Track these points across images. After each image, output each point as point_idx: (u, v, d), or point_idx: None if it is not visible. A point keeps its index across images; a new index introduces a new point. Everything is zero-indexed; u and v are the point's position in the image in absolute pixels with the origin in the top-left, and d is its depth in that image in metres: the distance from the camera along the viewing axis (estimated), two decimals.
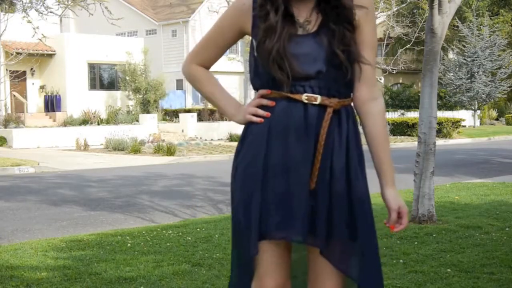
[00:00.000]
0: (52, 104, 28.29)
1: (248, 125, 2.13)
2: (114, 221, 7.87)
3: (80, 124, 25.88)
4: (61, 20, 31.10)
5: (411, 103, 38.45)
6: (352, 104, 2.14)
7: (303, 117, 2.04)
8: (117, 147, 20.68)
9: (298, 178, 2.03)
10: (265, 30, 2.04)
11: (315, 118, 2.04)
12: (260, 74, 2.10)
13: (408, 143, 23.46)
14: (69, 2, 16.44)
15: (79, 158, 18.11)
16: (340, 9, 2.03)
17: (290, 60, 2.01)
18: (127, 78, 29.34)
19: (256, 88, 2.15)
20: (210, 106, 32.58)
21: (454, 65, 35.25)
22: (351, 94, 2.13)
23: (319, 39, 2.04)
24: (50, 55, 28.59)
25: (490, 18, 38.72)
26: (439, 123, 24.80)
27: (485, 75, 34.39)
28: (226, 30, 2.17)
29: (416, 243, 5.54)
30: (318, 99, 2.03)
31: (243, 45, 31.57)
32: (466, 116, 34.12)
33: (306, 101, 2.03)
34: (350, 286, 2.13)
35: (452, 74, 34.96)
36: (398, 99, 40.28)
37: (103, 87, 30.00)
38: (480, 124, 36.42)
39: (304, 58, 2.02)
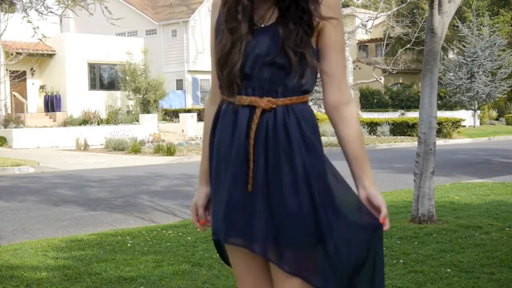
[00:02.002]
0: (52, 104, 28.30)
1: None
2: (114, 221, 7.87)
3: (80, 124, 25.88)
4: (61, 20, 31.12)
5: (411, 103, 38.46)
6: (301, 105, 2.00)
7: (232, 120, 2.00)
8: (117, 147, 20.68)
9: (235, 181, 1.98)
10: (223, 25, 2.00)
11: (245, 120, 1.98)
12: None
13: (408, 143, 23.46)
14: (69, 2, 16.45)
15: (79, 158, 18.11)
16: (303, 12, 1.94)
17: (233, 55, 1.96)
18: (127, 78, 29.34)
19: None
20: None
21: (454, 65, 35.26)
22: (297, 94, 1.99)
23: (263, 36, 1.97)
24: (50, 55, 28.60)
25: (490, 18, 38.74)
26: (439, 123, 24.80)
27: (485, 75, 34.40)
28: (212, 38, 2.12)
29: (416, 243, 5.54)
30: (247, 100, 1.97)
31: None
32: (466, 116, 34.13)
33: (237, 104, 1.98)
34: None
35: (452, 74, 34.97)
36: (398, 99, 40.30)
37: (103, 87, 30.00)
38: (480, 124, 36.43)
39: (242, 57, 1.96)
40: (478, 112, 36.00)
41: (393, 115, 32.14)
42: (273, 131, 1.95)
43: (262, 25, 1.98)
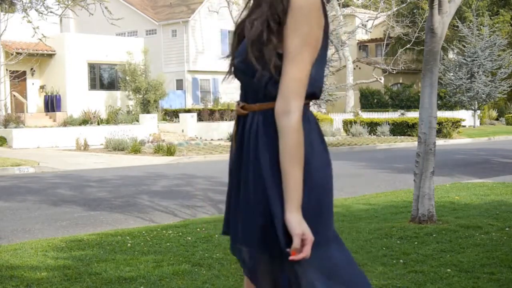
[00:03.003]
0: (52, 104, 28.30)
1: None
2: (114, 221, 7.87)
3: (80, 124, 25.88)
4: (61, 20, 31.12)
5: (411, 103, 38.46)
6: (270, 110, 1.96)
7: (235, 124, 2.08)
8: (117, 147, 20.68)
9: (232, 182, 2.08)
10: None
11: (239, 126, 2.05)
12: None
13: (408, 143, 23.46)
14: (69, 2, 16.45)
15: (79, 158, 18.11)
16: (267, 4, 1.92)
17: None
18: (127, 78, 29.34)
19: None
20: (210, 106, 32.58)
21: (454, 65, 35.26)
22: (268, 100, 1.96)
23: (237, 36, 2.01)
24: (50, 55, 28.60)
25: (490, 18, 38.75)
26: (439, 123, 24.80)
27: (485, 75, 34.39)
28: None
29: (416, 243, 5.54)
30: (236, 105, 2.05)
31: None
32: (466, 116, 34.12)
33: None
34: None
35: (452, 74, 34.97)
36: (398, 99, 40.29)
37: (103, 87, 30.00)
38: (480, 124, 36.42)
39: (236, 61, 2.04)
40: (478, 112, 35.99)
41: (393, 115, 32.12)
42: (248, 135, 2.00)
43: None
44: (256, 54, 1.91)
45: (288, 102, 1.90)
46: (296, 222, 1.87)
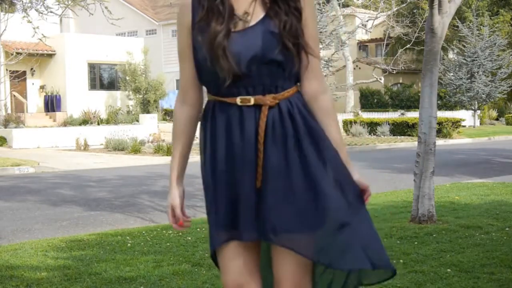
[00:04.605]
0: (52, 104, 28.30)
1: (201, 135, 2.19)
2: (114, 221, 7.87)
3: (80, 124, 25.88)
4: (61, 20, 31.10)
5: (411, 103, 38.44)
6: (296, 94, 2.10)
7: (238, 120, 2.05)
8: (117, 147, 20.68)
9: (244, 179, 2.05)
10: (200, 22, 2.04)
11: (252, 119, 2.04)
12: (202, 76, 2.14)
13: (408, 143, 23.46)
14: (69, 2, 16.45)
15: (79, 158, 18.11)
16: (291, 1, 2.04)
17: (223, 58, 1.99)
18: (127, 78, 29.34)
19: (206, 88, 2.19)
20: None
21: (454, 65, 35.25)
22: (293, 84, 2.10)
23: (255, 33, 2.01)
24: (50, 55, 28.60)
25: (490, 18, 38.73)
26: (439, 123, 24.79)
27: (485, 75, 34.38)
28: (184, 39, 2.13)
29: (416, 243, 5.54)
30: (252, 100, 2.04)
31: None
32: (466, 116, 34.10)
33: (240, 104, 2.04)
34: (323, 272, 2.21)
35: (452, 74, 34.96)
36: (398, 99, 40.28)
37: (103, 87, 30.01)
38: (480, 124, 36.42)
39: (239, 56, 1.99)
40: (478, 112, 35.98)
41: (393, 115, 32.10)
42: (280, 124, 2.04)
43: (251, 23, 2.02)
44: (291, 46, 2.01)
45: (323, 81, 2.14)
46: (362, 179, 2.15)
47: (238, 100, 2.04)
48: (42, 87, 29.10)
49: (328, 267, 2.11)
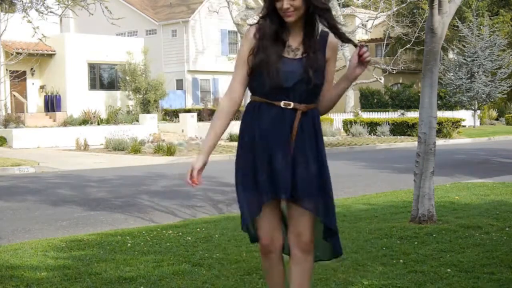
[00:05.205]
0: (52, 104, 28.30)
1: (241, 126, 3.12)
2: (114, 221, 7.87)
3: (80, 124, 25.88)
4: (61, 20, 31.13)
5: (411, 103, 38.45)
6: (316, 108, 3.11)
7: (280, 115, 3.01)
8: (117, 147, 20.68)
9: (280, 151, 3.01)
10: (260, 47, 3.01)
11: (289, 116, 3.02)
12: (253, 83, 3.07)
13: (408, 143, 23.46)
14: (69, 2, 16.45)
15: (79, 158, 18.12)
16: (319, 46, 3.06)
17: (276, 75, 2.96)
18: (127, 78, 29.34)
19: (251, 91, 3.12)
20: (210, 106, 32.59)
21: (454, 65, 35.27)
22: (316, 100, 3.09)
23: (301, 63, 3.00)
24: (50, 55, 28.61)
25: (490, 18, 38.75)
26: (439, 123, 24.79)
27: (485, 75, 34.41)
28: (246, 53, 3.04)
29: (416, 243, 5.54)
30: (292, 104, 3.02)
31: None
32: (466, 116, 34.12)
33: (283, 106, 3.01)
34: (317, 224, 3.13)
35: (452, 74, 34.98)
36: (398, 99, 40.29)
37: (103, 87, 30.01)
38: (480, 124, 36.44)
39: (288, 75, 2.98)
40: (478, 112, 36.01)
41: (393, 115, 32.10)
42: (306, 124, 3.04)
43: (297, 56, 3.01)
44: (320, 76, 3.07)
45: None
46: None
47: (282, 104, 3.00)
48: (42, 87, 29.10)
49: (323, 223, 3.10)
